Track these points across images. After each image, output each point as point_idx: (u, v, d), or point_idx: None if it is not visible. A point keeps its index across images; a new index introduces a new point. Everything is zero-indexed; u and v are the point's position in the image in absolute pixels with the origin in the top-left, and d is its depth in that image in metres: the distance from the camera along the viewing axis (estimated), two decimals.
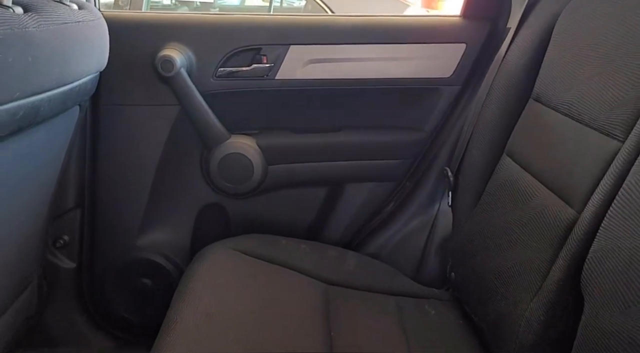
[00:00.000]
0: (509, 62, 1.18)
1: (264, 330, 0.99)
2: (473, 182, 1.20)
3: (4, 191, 0.88)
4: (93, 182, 1.35)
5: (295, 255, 1.29)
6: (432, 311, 1.20)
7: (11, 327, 1.11)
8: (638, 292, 0.59)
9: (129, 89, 1.29)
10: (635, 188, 0.65)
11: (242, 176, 1.38)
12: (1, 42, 0.68)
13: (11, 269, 1.06)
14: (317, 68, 1.35)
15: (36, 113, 0.82)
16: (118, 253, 1.41)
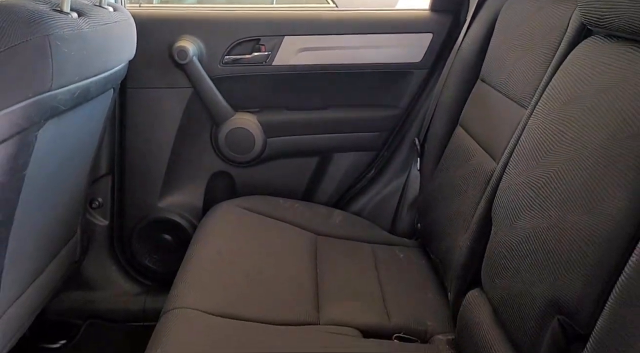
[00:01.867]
0: (463, 49, 1.40)
1: (264, 264, 1.23)
2: (435, 150, 1.43)
3: (64, 154, 1.12)
4: (121, 152, 1.58)
5: (290, 212, 1.53)
6: (401, 254, 1.44)
7: (61, 267, 1.35)
8: (519, 213, 0.82)
9: (150, 75, 1.51)
10: (525, 141, 0.88)
11: (246, 147, 1.61)
12: (66, 40, 0.91)
13: (62, 221, 1.30)
14: (307, 55, 1.57)
15: (87, 93, 1.05)
16: (142, 213, 1.65)
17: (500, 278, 0.84)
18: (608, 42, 0.77)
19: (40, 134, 0.95)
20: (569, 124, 0.75)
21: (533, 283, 0.73)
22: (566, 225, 0.69)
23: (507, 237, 0.84)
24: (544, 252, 0.72)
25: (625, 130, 0.64)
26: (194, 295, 1.06)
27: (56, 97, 0.93)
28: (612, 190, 0.63)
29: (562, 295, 0.67)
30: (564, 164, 0.73)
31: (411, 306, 1.19)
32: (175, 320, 0.99)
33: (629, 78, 0.67)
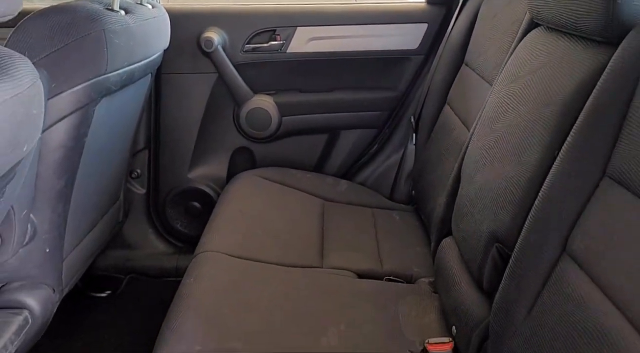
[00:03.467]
0: (452, 37, 1.58)
1: (278, 221, 1.44)
2: (427, 126, 1.61)
3: (112, 128, 1.34)
4: (156, 130, 1.80)
5: (302, 181, 1.73)
6: (397, 217, 1.63)
7: (108, 225, 1.58)
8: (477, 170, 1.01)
9: (181, 62, 1.72)
10: (484, 113, 1.07)
11: (263, 125, 1.81)
12: (117, 33, 1.12)
13: (109, 186, 1.52)
14: (317, 44, 1.76)
15: (131, 76, 1.27)
16: (174, 183, 1.87)
17: (462, 223, 1.04)
18: (546, 33, 0.94)
19: (96, 109, 1.16)
20: (511, 98, 0.94)
21: (482, 222, 0.92)
22: (504, 174, 0.88)
23: (468, 190, 1.03)
24: (490, 197, 0.91)
25: (543, 100, 0.82)
26: (219, 242, 1.27)
27: (109, 79, 1.15)
28: (532, 146, 0.81)
29: (499, 228, 0.86)
30: (506, 129, 0.92)
31: (401, 256, 1.39)
32: (204, 260, 1.20)
33: (553, 61, 0.85)
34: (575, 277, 0.68)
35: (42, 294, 1.19)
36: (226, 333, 0.96)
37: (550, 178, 0.74)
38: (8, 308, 1.14)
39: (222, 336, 0.95)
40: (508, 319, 0.77)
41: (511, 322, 0.77)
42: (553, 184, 0.74)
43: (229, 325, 0.98)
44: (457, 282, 1.02)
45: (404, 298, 1.18)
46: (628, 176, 0.64)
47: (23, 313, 1.14)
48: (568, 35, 0.85)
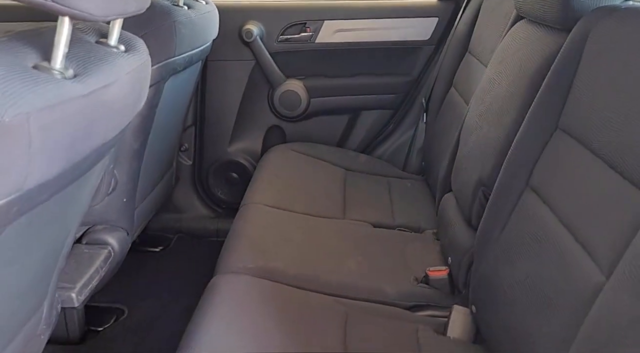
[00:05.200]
0: (458, 29, 1.80)
1: (307, 183, 1.69)
2: (435, 107, 1.84)
3: (172, 105, 1.59)
4: (202, 109, 2.06)
5: (327, 154, 1.97)
6: (409, 185, 1.87)
7: (165, 187, 1.85)
8: (471, 133, 1.24)
9: (224, 50, 1.97)
10: (479, 88, 1.30)
11: (294, 106, 2.06)
12: (183, 24, 1.38)
13: (166, 154, 1.79)
14: (342, 35, 2.00)
15: (190, 60, 1.52)
16: (216, 156, 2.13)
17: (458, 177, 1.27)
18: (526, 24, 1.17)
19: (165, 86, 1.42)
20: (497, 75, 1.17)
21: (472, 174, 1.16)
22: (489, 134, 1.11)
23: (463, 151, 1.27)
24: (478, 153, 1.15)
25: (518, 75, 1.05)
26: (260, 197, 1.53)
27: (176, 62, 1.41)
28: (509, 110, 1.05)
29: (484, 175, 1.10)
30: (493, 99, 1.16)
31: (411, 213, 1.62)
32: (249, 209, 1.46)
33: (527, 46, 1.08)
34: (534, 202, 0.92)
35: (119, 235, 1.46)
36: (270, 257, 1.22)
37: (519, 133, 0.98)
38: (95, 244, 1.41)
39: (267, 259, 1.21)
40: (486, 240, 1.01)
41: (488, 241, 1.01)
42: (521, 137, 0.97)
43: (272, 252, 1.24)
44: (453, 224, 1.26)
45: (411, 242, 1.43)
46: (573, 128, 0.87)
47: (107, 249, 1.41)
48: (538, 24, 1.08)
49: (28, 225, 0.68)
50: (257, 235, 1.31)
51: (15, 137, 0.54)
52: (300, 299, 1.10)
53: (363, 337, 1.03)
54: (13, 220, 0.61)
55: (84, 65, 0.67)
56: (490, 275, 0.99)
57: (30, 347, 1.04)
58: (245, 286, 1.09)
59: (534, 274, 0.83)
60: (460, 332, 1.07)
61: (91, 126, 0.67)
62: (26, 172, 0.56)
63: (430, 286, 1.22)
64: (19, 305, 0.92)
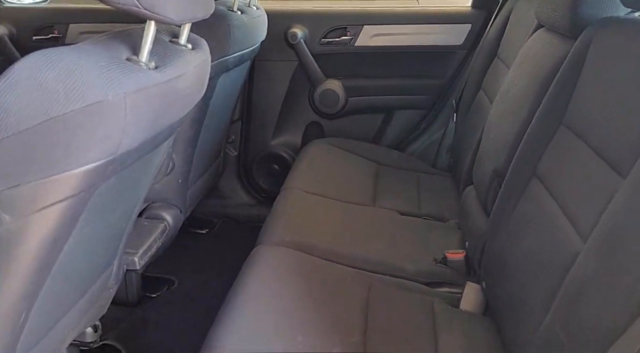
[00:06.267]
0: (489, 36, 1.90)
1: (342, 173, 1.83)
2: (465, 108, 1.94)
3: (223, 99, 1.76)
4: (248, 105, 2.23)
5: (361, 150, 2.10)
6: (437, 180, 1.98)
7: (213, 174, 2.03)
8: (492, 126, 1.35)
9: (271, 51, 2.13)
10: (502, 88, 1.41)
11: (332, 103, 2.20)
12: (237, 27, 1.54)
13: (216, 144, 1.96)
14: (379, 39, 2.13)
15: (240, 60, 1.69)
16: (260, 148, 2.29)
17: (478, 169, 1.39)
18: (544, 32, 1.27)
19: (218, 81, 1.59)
20: (517, 77, 1.28)
21: (489, 164, 1.27)
22: (505, 129, 1.22)
23: (484, 146, 1.38)
24: (496, 146, 1.26)
25: (532, 77, 1.16)
26: (298, 182, 1.68)
27: (228, 60, 1.58)
28: (523, 108, 1.16)
29: (499, 166, 1.21)
30: (511, 98, 1.27)
31: (437, 204, 1.74)
32: (288, 193, 1.61)
33: (542, 51, 1.19)
34: (538, 188, 1.03)
35: (174, 212, 1.64)
36: (305, 233, 1.37)
37: (529, 128, 1.09)
38: (154, 219, 1.59)
39: (302, 234, 1.36)
40: (497, 223, 1.13)
41: (499, 224, 1.12)
42: (531, 132, 1.09)
43: (306, 229, 1.39)
44: (471, 212, 1.38)
45: (434, 230, 1.55)
46: (574, 124, 0.98)
47: (163, 223, 1.59)
48: (553, 32, 1.19)
49: (115, 185, 0.85)
50: (294, 214, 1.46)
51: (115, 112, 0.70)
52: (328, 270, 1.24)
53: (383, 305, 1.16)
54: (108, 178, 0.77)
55: (163, 59, 0.84)
56: (499, 253, 1.10)
57: (102, 298, 1.23)
58: (281, 256, 1.24)
59: (533, 249, 0.94)
60: (472, 305, 1.19)
61: (167, 107, 0.83)
62: (120, 140, 0.73)
63: (447, 266, 1.34)
64: (98, 258, 1.10)
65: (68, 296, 1.04)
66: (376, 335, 1.05)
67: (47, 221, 0.74)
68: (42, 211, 0.72)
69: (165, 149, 1.13)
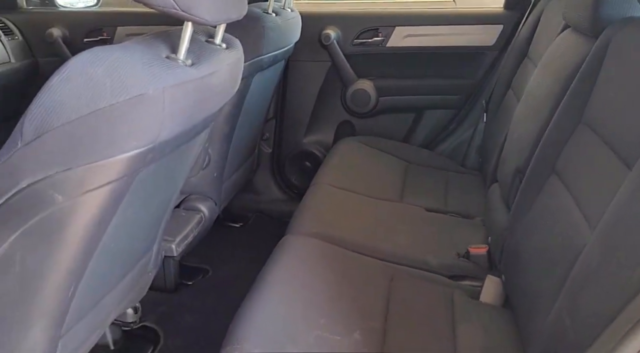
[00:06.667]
0: (520, 36, 1.91)
1: (371, 170, 1.88)
2: (494, 108, 1.95)
3: (258, 98, 1.84)
4: (282, 104, 2.30)
5: (391, 148, 2.14)
6: (466, 179, 2.00)
7: (247, 170, 2.11)
8: (517, 126, 1.37)
9: (305, 52, 2.19)
10: (528, 87, 1.42)
11: (364, 103, 2.24)
12: (271, 29, 1.61)
13: (250, 141, 2.04)
14: (411, 39, 2.16)
15: (274, 60, 1.76)
16: (293, 146, 2.36)
17: (502, 168, 1.41)
18: (570, 32, 1.29)
19: (252, 80, 1.67)
20: (541, 77, 1.30)
21: (512, 162, 1.30)
22: (529, 128, 1.25)
23: (509, 145, 1.40)
24: (519, 145, 1.28)
25: (555, 77, 1.18)
26: (327, 178, 1.74)
27: (263, 60, 1.65)
28: (545, 107, 1.18)
29: (520, 163, 1.23)
30: (535, 97, 1.29)
31: (464, 202, 1.76)
32: (317, 188, 1.67)
33: (566, 50, 1.21)
34: (556, 185, 1.05)
35: (209, 205, 1.72)
36: (331, 225, 1.42)
37: (550, 125, 1.11)
38: (191, 210, 1.68)
39: (329, 226, 1.41)
40: (517, 218, 1.15)
41: (519, 219, 1.15)
42: (551, 129, 1.11)
43: (334, 221, 1.45)
44: (495, 208, 1.40)
45: (459, 226, 1.57)
46: (592, 122, 1.00)
47: (199, 214, 1.67)
48: (578, 32, 1.20)
49: (155, 173, 0.93)
50: (323, 207, 1.52)
51: (155, 104, 0.77)
52: (352, 260, 1.29)
53: (404, 295, 1.20)
54: (148, 165, 0.85)
55: (199, 57, 0.91)
56: (517, 247, 1.13)
57: (142, 281, 1.32)
58: (307, 245, 1.30)
59: (547, 242, 0.97)
60: (492, 298, 1.22)
61: (201, 101, 0.91)
62: (159, 130, 0.80)
63: (470, 261, 1.37)
64: (139, 242, 1.18)
65: (111, 276, 1.13)
66: (396, 322, 1.10)
67: (93, 202, 0.82)
68: (89, 193, 0.80)
69: (201, 142, 1.20)
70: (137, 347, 1.52)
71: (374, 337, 1.04)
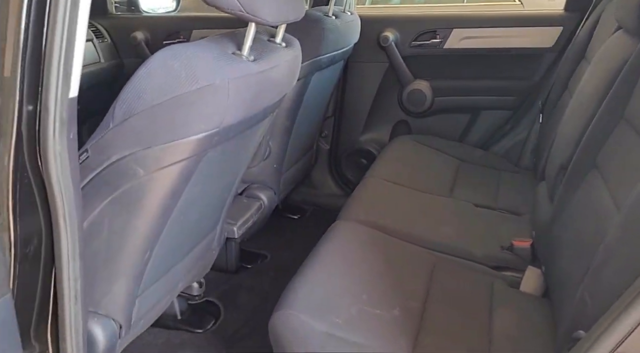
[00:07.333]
0: (579, 37, 1.90)
1: (421, 166, 1.94)
2: (550, 109, 1.96)
3: (316, 96, 1.95)
4: (341, 103, 2.40)
5: (445, 147, 2.18)
6: (519, 178, 2.00)
7: (305, 164, 2.22)
8: (567, 122, 1.39)
9: (363, 53, 2.28)
10: (580, 84, 1.44)
11: (420, 103, 2.30)
12: (330, 30, 1.72)
13: (309, 136, 2.15)
14: (468, 41, 2.19)
15: (332, 60, 1.86)
16: (349, 144, 2.45)
17: (549, 166, 1.43)
18: (620, 32, 1.30)
19: (311, 79, 1.78)
20: (591, 76, 1.32)
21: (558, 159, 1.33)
22: (574, 124, 1.27)
23: (556, 141, 1.43)
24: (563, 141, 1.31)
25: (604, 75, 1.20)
26: (380, 172, 1.82)
27: (321, 60, 1.75)
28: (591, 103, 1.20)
29: (563, 159, 1.26)
30: (584, 97, 1.31)
31: (514, 199, 1.77)
32: (369, 180, 1.76)
33: (615, 50, 1.22)
34: (596, 180, 1.08)
35: (269, 194, 1.85)
36: (380, 214, 1.51)
37: (594, 121, 1.14)
38: (251, 198, 1.81)
39: (377, 215, 1.50)
40: (557, 212, 1.19)
41: (558, 213, 1.18)
42: (594, 126, 1.14)
43: (382, 210, 1.53)
44: (541, 204, 1.43)
45: (506, 222, 1.61)
46: (633, 118, 1.03)
47: (259, 202, 1.81)
48: (628, 32, 1.22)
49: (220, 155, 1.06)
50: (373, 198, 1.61)
51: (220, 93, 0.90)
52: (397, 246, 1.37)
53: (445, 280, 1.26)
54: (214, 147, 0.97)
55: (260, 54, 1.03)
56: (557, 238, 1.16)
57: (206, 256, 1.46)
58: (356, 230, 1.39)
59: (581, 232, 1.01)
60: (532, 288, 1.25)
61: (261, 92, 1.02)
62: (223, 116, 0.92)
63: (513, 253, 1.40)
64: (204, 220, 1.32)
65: (180, 248, 1.27)
66: (435, 304, 1.16)
67: (167, 177, 0.95)
68: (164, 169, 0.93)
69: (262, 132, 1.32)
70: (201, 318, 1.66)
71: (412, 314, 1.11)
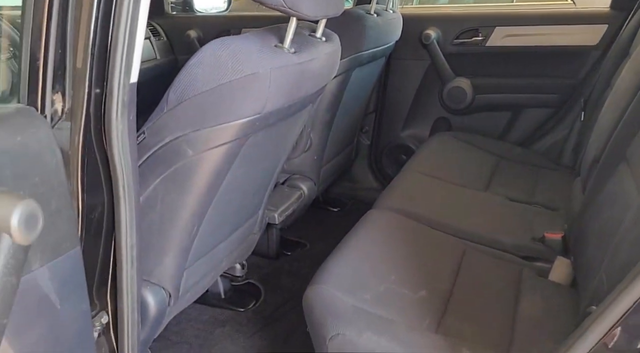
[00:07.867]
0: (623, 36, 1.89)
1: (458, 160, 1.97)
2: (592, 107, 1.94)
3: (357, 92, 2.01)
4: (382, 99, 2.45)
5: (485, 144, 2.19)
6: (558, 176, 2.00)
7: (345, 158, 2.29)
8: (604, 115, 1.40)
9: (405, 51, 2.32)
10: (619, 80, 1.44)
11: (460, 100, 2.32)
12: (371, 28, 1.78)
13: (349, 130, 2.22)
14: (511, 39, 2.20)
15: (373, 57, 1.92)
16: (390, 139, 2.50)
17: (584, 160, 1.44)
18: None
19: (352, 74, 1.84)
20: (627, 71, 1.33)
21: (591, 154, 1.34)
22: (608, 117, 1.28)
23: (592, 137, 1.43)
24: (597, 134, 1.32)
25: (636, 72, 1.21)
26: (417, 165, 1.87)
27: (362, 56, 1.82)
28: (625, 97, 1.21)
29: (597, 152, 1.27)
30: (620, 93, 1.32)
31: (551, 195, 1.78)
32: (406, 173, 1.81)
33: None
34: (624, 171, 1.10)
35: (309, 184, 1.93)
36: (414, 204, 1.56)
37: (625, 115, 1.16)
38: (292, 187, 1.90)
39: (411, 204, 1.55)
40: (587, 203, 1.21)
41: (589, 203, 1.20)
42: (625, 119, 1.15)
43: (416, 200, 1.58)
44: (574, 198, 1.44)
45: (540, 215, 1.62)
46: None
47: (300, 191, 1.89)
48: None
49: (261, 141, 1.14)
50: (408, 189, 1.66)
51: (263, 81, 0.98)
52: (428, 234, 1.42)
53: (473, 266, 1.30)
54: (256, 131, 1.06)
55: (300, 46, 1.11)
56: (585, 229, 1.18)
57: (249, 239, 1.55)
58: (388, 218, 1.45)
59: (607, 222, 1.03)
60: (560, 277, 1.28)
61: (300, 82, 1.10)
62: (265, 102, 1.01)
63: (544, 245, 1.42)
64: (248, 202, 1.42)
65: (224, 227, 1.37)
66: (462, 288, 1.21)
67: (213, 158, 1.05)
68: (211, 150, 1.03)
69: (302, 122, 1.40)
70: (242, 298, 1.77)
71: (439, 296, 1.16)
